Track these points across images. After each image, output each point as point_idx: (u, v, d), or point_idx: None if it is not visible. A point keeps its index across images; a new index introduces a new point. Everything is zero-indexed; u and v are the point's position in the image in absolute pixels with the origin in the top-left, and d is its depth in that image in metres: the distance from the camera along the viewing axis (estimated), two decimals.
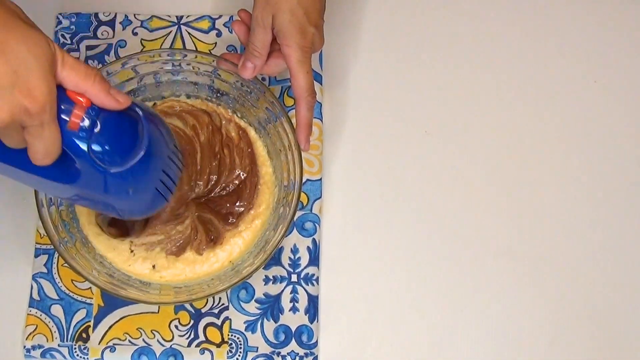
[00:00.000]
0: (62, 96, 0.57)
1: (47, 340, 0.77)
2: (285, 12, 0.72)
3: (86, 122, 0.58)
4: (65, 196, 0.68)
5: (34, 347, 0.77)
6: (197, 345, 0.77)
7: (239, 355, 0.77)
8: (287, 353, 0.77)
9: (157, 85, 0.80)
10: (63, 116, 0.57)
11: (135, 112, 0.61)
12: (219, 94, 0.81)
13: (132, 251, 0.77)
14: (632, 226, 0.83)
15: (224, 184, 0.79)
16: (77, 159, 0.59)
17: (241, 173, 0.80)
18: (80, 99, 0.57)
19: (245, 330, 0.78)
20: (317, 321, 0.79)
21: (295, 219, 0.77)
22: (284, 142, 0.77)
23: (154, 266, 0.77)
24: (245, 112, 0.81)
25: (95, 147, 0.59)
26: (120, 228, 0.77)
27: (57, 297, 0.78)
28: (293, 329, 0.78)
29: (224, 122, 0.81)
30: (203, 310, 0.78)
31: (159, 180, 0.65)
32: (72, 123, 0.57)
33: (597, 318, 0.80)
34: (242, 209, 0.79)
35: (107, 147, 0.59)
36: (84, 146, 0.58)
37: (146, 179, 0.64)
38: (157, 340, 0.77)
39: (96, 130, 0.58)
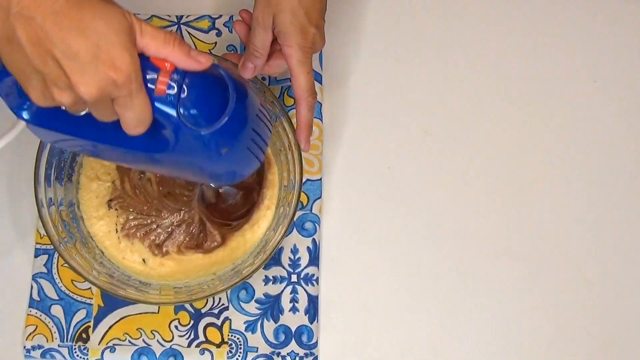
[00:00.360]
0: (146, 64, 0.57)
1: (47, 341, 0.77)
2: (286, 12, 0.71)
3: (173, 86, 0.58)
4: (164, 169, 0.69)
5: (34, 348, 0.77)
6: (197, 346, 0.77)
7: (239, 356, 0.77)
8: (287, 353, 0.77)
9: None
10: (149, 84, 0.57)
11: (219, 73, 0.61)
12: None
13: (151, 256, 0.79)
14: (632, 226, 0.83)
15: None
16: (168, 124, 0.59)
17: None
18: (165, 64, 0.58)
19: (245, 330, 0.78)
20: (317, 321, 0.79)
21: (295, 219, 0.77)
22: (283, 142, 0.77)
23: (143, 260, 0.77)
24: None
25: (185, 110, 0.59)
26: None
27: (57, 298, 0.78)
28: (293, 329, 0.78)
29: None
30: (203, 311, 0.78)
31: (251, 140, 0.65)
32: (159, 89, 0.58)
33: (598, 318, 0.80)
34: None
35: (196, 109, 0.59)
36: (173, 111, 0.58)
37: (238, 139, 0.63)
38: (157, 341, 0.77)
39: (183, 93, 0.58)
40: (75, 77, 0.54)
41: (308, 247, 0.80)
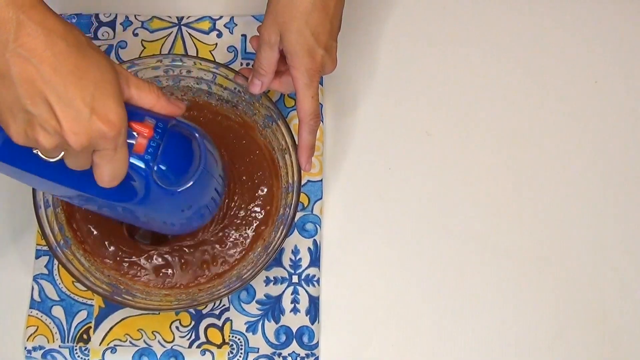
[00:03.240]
0: (130, 118, 0.57)
1: (48, 342, 0.77)
2: (292, 32, 0.69)
3: (152, 145, 0.59)
4: (119, 215, 0.69)
5: (34, 349, 0.77)
6: (198, 347, 0.77)
7: (240, 356, 0.77)
8: (288, 354, 0.77)
9: None
10: (129, 139, 0.58)
11: (191, 133, 0.62)
12: (219, 100, 0.81)
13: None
14: (633, 225, 0.83)
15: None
16: (138, 178, 0.60)
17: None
18: (148, 119, 0.58)
19: (246, 331, 0.78)
20: (318, 322, 0.79)
21: (296, 220, 0.77)
22: (281, 144, 0.77)
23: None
24: (243, 115, 0.81)
25: (158, 168, 0.59)
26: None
27: (58, 299, 0.78)
28: (294, 330, 0.78)
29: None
30: (204, 312, 0.78)
31: (211, 198, 0.67)
32: (140, 145, 0.58)
33: (600, 317, 0.80)
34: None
35: (169, 168, 0.60)
36: (147, 167, 0.59)
37: (201, 197, 0.65)
38: (158, 341, 0.77)
39: (159, 151, 0.59)
40: (68, 124, 0.53)
41: (309, 248, 0.80)
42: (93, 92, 0.53)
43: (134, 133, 0.58)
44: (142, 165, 0.59)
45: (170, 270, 0.77)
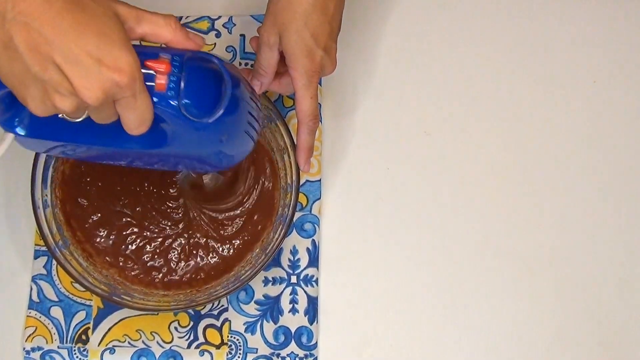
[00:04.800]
0: (144, 58, 0.56)
1: (47, 342, 0.77)
2: (291, 33, 0.69)
3: (172, 80, 0.57)
4: (163, 164, 0.68)
5: (33, 349, 0.77)
6: (197, 347, 0.77)
7: (239, 357, 0.77)
8: (287, 354, 0.77)
9: None
10: (148, 81, 0.56)
11: (212, 62, 0.60)
12: None
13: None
14: (632, 225, 0.83)
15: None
16: (169, 118, 0.59)
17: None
18: (162, 55, 0.57)
19: (245, 331, 0.78)
20: (317, 322, 0.79)
21: (294, 220, 0.77)
22: (280, 144, 0.77)
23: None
24: None
25: (185, 103, 0.58)
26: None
27: (56, 299, 0.78)
28: (293, 331, 0.78)
29: None
30: (202, 312, 0.78)
31: (247, 122, 0.65)
32: (159, 85, 0.57)
33: (600, 315, 0.80)
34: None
35: (196, 100, 0.58)
36: (174, 105, 0.57)
37: (237, 124, 0.63)
38: (157, 342, 0.77)
39: (182, 86, 0.57)
40: (79, 81, 0.52)
41: (307, 248, 0.80)
42: (97, 43, 0.52)
43: (152, 72, 0.56)
44: (167, 102, 0.57)
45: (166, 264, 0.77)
